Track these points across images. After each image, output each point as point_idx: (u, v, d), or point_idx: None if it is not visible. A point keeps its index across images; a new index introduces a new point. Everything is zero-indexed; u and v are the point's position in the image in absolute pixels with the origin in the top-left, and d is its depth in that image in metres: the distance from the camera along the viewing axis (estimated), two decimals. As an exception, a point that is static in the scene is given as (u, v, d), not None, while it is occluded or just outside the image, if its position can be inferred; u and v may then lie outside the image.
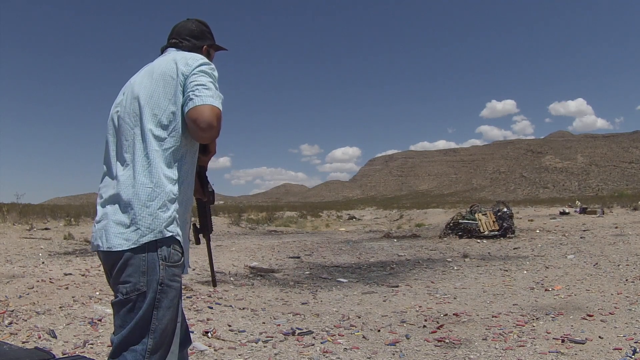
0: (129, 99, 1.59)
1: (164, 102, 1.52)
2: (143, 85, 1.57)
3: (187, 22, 1.79)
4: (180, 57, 1.58)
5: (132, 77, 1.68)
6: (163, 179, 1.47)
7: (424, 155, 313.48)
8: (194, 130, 1.47)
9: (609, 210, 19.71)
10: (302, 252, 10.19)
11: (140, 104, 1.54)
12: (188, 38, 1.75)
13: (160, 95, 1.53)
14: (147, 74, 1.61)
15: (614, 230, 11.80)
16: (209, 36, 1.82)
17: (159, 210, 1.46)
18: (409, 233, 14.91)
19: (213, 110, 1.46)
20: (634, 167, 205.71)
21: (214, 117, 1.45)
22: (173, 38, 1.75)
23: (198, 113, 1.44)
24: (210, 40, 1.82)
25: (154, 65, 1.64)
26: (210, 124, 1.44)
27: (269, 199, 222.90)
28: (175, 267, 1.49)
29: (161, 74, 1.56)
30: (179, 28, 1.77)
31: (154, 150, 1.48)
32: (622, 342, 3.24)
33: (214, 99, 1.48)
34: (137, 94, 1.56)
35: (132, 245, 1.43)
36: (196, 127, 1.46)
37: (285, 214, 28.03)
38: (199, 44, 1.76)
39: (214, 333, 3.59)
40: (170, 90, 1.53)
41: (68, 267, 6.25)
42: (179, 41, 1.74)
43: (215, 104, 1.47)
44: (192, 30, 1.76)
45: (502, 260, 8.20)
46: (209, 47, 1.81)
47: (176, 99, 1.52)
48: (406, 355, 3.19)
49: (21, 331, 3.43)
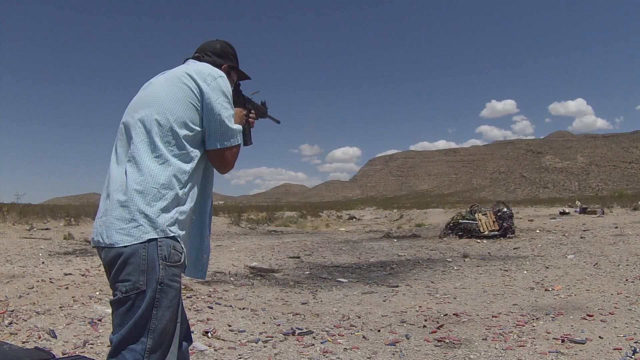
0: (143, 103, 1.62)
1: (177, 108, 1.55)
2: (158, 91, 1.61)
3: (214, 42, 1.83)
4: (194, 67, 1.65)
5: (151, 80, 1.71)
6: (169, 181, 1.49)
7: (424, 155, 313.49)
8: (214, 164, 1.66)
9: (609, 210, 19.69)
10: (302, 252, 10.18)
11: (154, 109, 1.56)
12: (210, 54, 1.79)
13: (174, 102, 1.56)
14: (164, 81, 1.64)
15: (614, 230, 11.79)
16: (232, 58, 1.84)
17: (163, 210, 1.47)
18: (409, 233, 14.90)
19: (232, 152, 1.63)
20: (634, 167, 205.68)
21: (233, 158, 1.64)
22: (197, 53, 1.80)
23: (220, 156, 1.62)
24: (232, 62, 1.84)
25: (171, 72, 1.68)
26: (229, 164, 1.65)
27: (269, 199, 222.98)
28: (175, 267, 1.49)
29: (176, 81, 1.60)
30: (204, 45, 1.82)
31: (163, 152, 1.51)
32: (622, 342, 3.24)
33: (235, 139, 1.62)
34: (152, 99, 1.60)
35: (133, 241, 1.44)
36: (216, 164, 1.65)
37: (285, 214, 28.01)
38: (219, 62, 1.78)
39: (214, 333, 3.59)
40: (184, 97, 1.57)
41: (68, 267, 6.24)
42: (201, 55, 1.78)
43: (236, 142, 1.63)
44: (215, 48, 1.81)
45: (502, 260, 8.19)
46: (230, 69, 1.82)
47: (190, 107, 1.56)
48: (406, 355, 3.19)
49: (21, 331, 3.42)
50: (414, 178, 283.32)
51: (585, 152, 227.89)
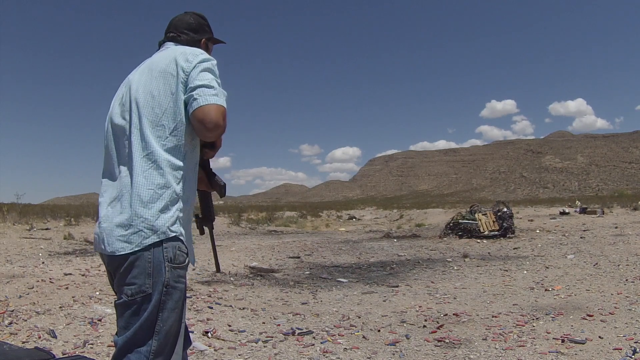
0: (128, 97, 1.56)
1: (165, 100, 1.49)
2: (142, 83, 1.54)
3: (185, 16, 1.74)
4: (180, 53, 1.55)
5: (131, 74, 1.64)
6: (165, 179, 1.45)
7: (424, 155, 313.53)
8: (200, 129, 1.46)
9: (609, 210, 19.68)
10: (302, 252, 10.18)
11: (140, 102, 1.51)
12: (186, 32, 1.70)
13: (161, 93, 1.50)
14: (146, 71, 1.57)
15: (614, 230, 11.79)
16: (208, 29, 1.78)
17: (161, 212, 1.43)
18: (409, 233, 14.90)
19: (219, 109, 1.45)
20: (634, 167, 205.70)
21: (220, 115, 1.45)
22: (171, 32, 1.71)
23: (204, 113, 1.43)
24: (208, 34, 1.78)
25: (152, 61, 1.61)
26: (216, 123, 1.44)
27: (269, 199, 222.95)
28: (180, 268, 1.47)
29: (161, 71, 1.53)
30: (176, 21, 1.73)
31: (155, 149, 1.46)
32: (622, 342, 3.24)
33: (219, 97, 1.46)
34: (137, 92, 1.53)
35: (135, 248, 1.41)
36: (202, 127, 1.45)
37: (285, 214, 27.98)
38: (197, 37, 1.72)
39: (214, 333, 3.59)
40: (170, 87, 1.50)
41: (68, 267, 6.24)
42: (177, 35, 1.69)
43: (220, 102, 1.46)
44: (190, 24, 1.72)
45: (502, 260, 8.19)
46: (207, 41, 1.77)
47: (177, 96, 1.49)
48: (406, 355, 3.19)
49: (21, 331, 3.42)
50: (414, 178, 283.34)
51: (585, 152, 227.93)
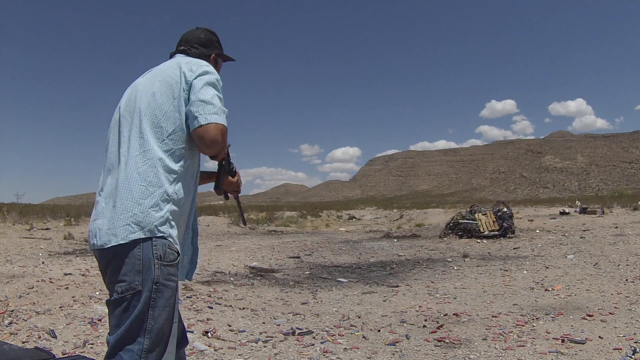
0: (132, 100, 1.61)
1: (166, 105, 1.54)
2: (147, 87, 1.60)
3: (196, 31, 1.81)
4: (185, 62, 1.61)
5: (138, 79, 1.70)
6: (157, 178, 1.48)
7: (424, 155, 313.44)
8: (200, 145, 1.53)
9: (609, 210, 19.67)
10: (302, 252, 10.18)
11: (143, 104, 1.56)
12: (196, 46, 1.77)
13: (163, 97, 1.55)
14: (152, 77, 1.63)
15: (614, 230, 11.78)
16: (217, 45, 1.84)
17: (151, 209, 1.45)
18: (409, 233, 14.89)
19: (217, 127, 1.50)
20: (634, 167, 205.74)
21: (218, 134, 1.50)
22: (182, 45, 1.78)
23: (204, 131, 1.49)
24: (218, 49, 1.84)
25: (159, 68, 1.67)
26: (215, 140, 1.50)
27: (269, 199, 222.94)
28: (170, 266, 1.48)
29: (165, 77, 1.59)
30: (187, 36, 1.80)
31: (151, 148, 1.49)
32: (622, 342, 3.24)
33: (219, 116, 1.51)
34: (141, 95, 1.59)
35: (120, 241, 1.43)
36: (202, 144, 1.51)
37: (285, 214, 27.98)
38: (206, 52, 1.78)
39: (214, 333, 3.59)
40: (173, 93, 1.55)
41: (68, 267, 6.24)
42: (187, 48, 1.76)
43: (220, 120, 1.51)
44: (200, 39, 1.79)
45: (502, 260, 8.19)
46: (217, 57, 1.83)
47: (179, 102, 1.54)
48: (406, 355, 3.19)
49: (21, 331, 3.43)
50: (414, 178, 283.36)
51: (585, 152, 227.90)
